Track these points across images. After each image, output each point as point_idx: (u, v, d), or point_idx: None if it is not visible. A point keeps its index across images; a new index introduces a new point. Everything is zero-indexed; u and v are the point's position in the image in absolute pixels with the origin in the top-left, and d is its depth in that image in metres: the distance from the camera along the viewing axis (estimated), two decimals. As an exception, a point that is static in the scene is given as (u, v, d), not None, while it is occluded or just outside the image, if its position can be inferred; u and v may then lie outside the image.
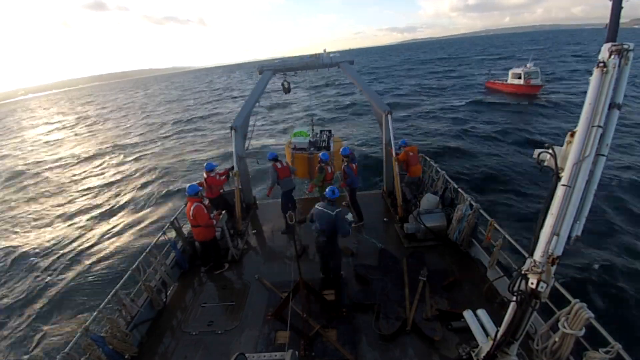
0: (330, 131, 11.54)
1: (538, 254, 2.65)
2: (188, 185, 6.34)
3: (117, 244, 13.08)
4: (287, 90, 9.37)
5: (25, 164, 28.71)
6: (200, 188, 6.59)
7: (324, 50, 9.03)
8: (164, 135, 32.88)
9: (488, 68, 45.25)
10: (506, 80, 33.64)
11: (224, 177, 8.26)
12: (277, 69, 8.92)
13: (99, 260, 12.01)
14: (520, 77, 31.58)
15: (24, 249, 13.62)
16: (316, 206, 5.44)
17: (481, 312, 4.02)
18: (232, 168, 8.21)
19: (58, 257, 12.66)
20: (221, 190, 8.33)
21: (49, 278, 11.36)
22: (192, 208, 6.05)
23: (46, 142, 39.42)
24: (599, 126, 2.48)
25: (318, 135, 11.21)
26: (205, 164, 8.15)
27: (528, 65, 32.19)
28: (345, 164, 7.67)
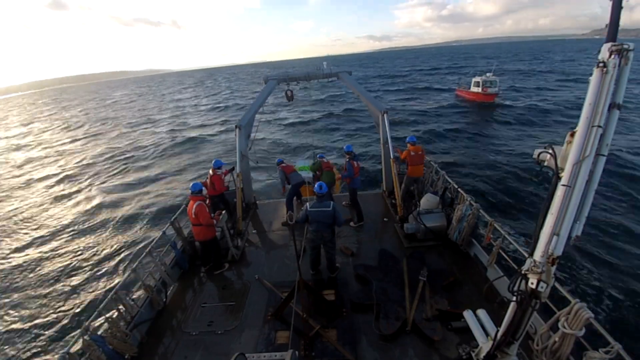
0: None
1: (538, 254, 2.65)
2: (192, 183, 6.39)
3: (117, 243, 13.09)
4: (290, 99, 9.74)
5: None
6: (203, 187, 6.61)
7: (324, 63, 9.67)
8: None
9: (459, 76, 47.49)
10: (469, 88, 35.74)
11: (226, 176, 8.53)
12: (280, 78, 9.41)
13: (99, 260, 12.02)
14: (479, 86, 33.59)
15: (23, 247, 13.65)
16: (308, 208, 5.52)
17: (481, 312, 4.02)
18: (233, 169, 8.54)
19: (58, 257, 12.67)
20: (226, 185, 8.59)
21: (48, 278, 11.36)
22: (194, 206, 6.05)
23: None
24: (599, 126, 2.48)
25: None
26: (213, 161, 8.52)
27: (487, 74, 34.24)
28: (347, 159, 7.81)
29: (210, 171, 8.28)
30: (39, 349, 8.35)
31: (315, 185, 5.59)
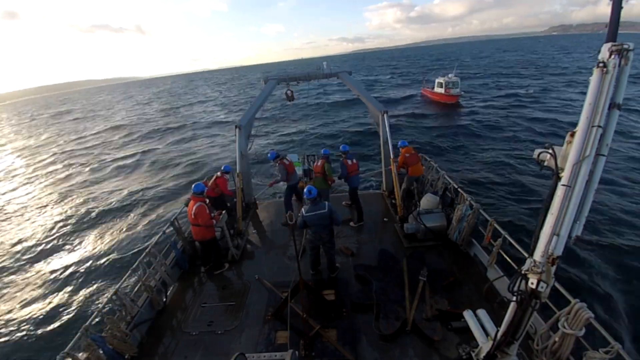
0: (315, 155, 11.60)
1: (538, 254, 2.65)
2: (194, 184, 6.38)
3: (117, 243, 13.09)
4: (290, 99, 9.76)
5: None
6: (205, 187, 6.60)
7: (324, 64, 9.68)
8: None
9: (423, 75, 46.80)
10: (433, 88, 35.56)
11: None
12: (280, 78, 9.43)
13: (99, 260, 12.02)
14: (442, 87, 33.35)
15: (23, 247, 13.65)
16: (304, 214, 5.48)
17: (481, 312, 4.02)
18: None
19: (57, 257, 12.67)
20: (230, 190, 8.51)
21: (48, 278, 11.37)
22: (194, 207, 6.05)
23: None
24: (599, 126, 2.48)
25: (306, 164, 10.97)
26: (223, 166, 8.59)
27: (450, 75, 33.98)
28: (341, 158, 7.88)
29: (218, 173, 8.29)
30: (39, 350, 8.35)
31: (305, 191, 5.54)
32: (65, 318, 9.33)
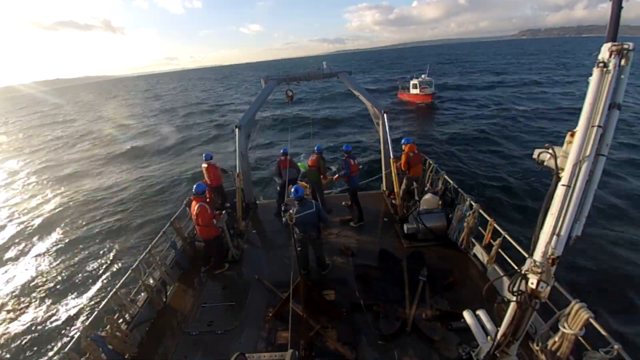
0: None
1: (538, 254, 2.65)
2: (195, 184, 6.37)
3: (117, 243, 13.09)
4: (290, 98, 9.78)
5: None
6: (206, 187, 6.61)
7: (324, 63, 9.72)
8: None
9: (400, 81, 46.07)
10: (409, 90, 36.43)
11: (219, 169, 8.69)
12: (280, 79, 9.44)
13: (99, 260, 12.02)
14: (417, 87, 34.52)
15: (22, 246, 13.65)
16: (294, 215, 5.40)
17: (481, 312, 4.02)
18: (224, 171, 8.80)
19: (57, 257, 12.67)
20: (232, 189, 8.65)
21: (48, 278, 11.37)
22: (196, 207, 6.08)
23: None
24: (599, 126, 2.48)
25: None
26: (205, 154, 8.69)
27: (423, 75, 35.42)
28: (344, 157, 7.92)
29: (204, 164, 8.39)
30: (39, 350, 8.36)
31: (292, 191, 5.55)
32: (65, 318, 9.33)
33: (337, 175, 8.17)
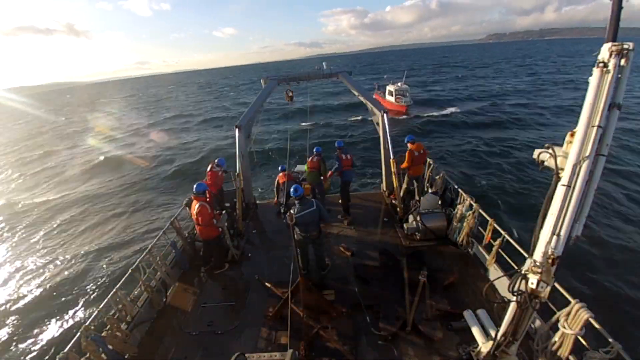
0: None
1: (538, 254, 2.64)
2: (196, 184, 6.35)
3: (117, 244, 13.09)
4: (290, 99, 9.78)
5: None
6: (207, 187, 6.60)
7: (324, 64, 9.76)
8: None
9: (374, 81, 45.36)
10: (384, 94, 34.08)
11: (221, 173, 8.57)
12: (280, 79, 9.46)
13: (99, 260, 12.02)
14: (392, 95, 32.05)
15: (21, 246, 13.65)
16: (295, 215, 5.27)
17: (481, 312, 4.02)
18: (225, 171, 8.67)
19: (57, 257, 12.67)
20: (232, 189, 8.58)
21: (48, 278, 11.36)
22: (196, 207, 6.07)
23: None
24: (599, 126, 2.48)
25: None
26: (218, 159, 8.69)
27: (399, 83, 32.48)
28: (337, 153, 8.16)
29: (217, 168, 8.38)
30: (39, 350, 8.35)
31: (291, 191, 5.56)
32: (65, 318, 9.33)
33: (330, 171, 8.28)
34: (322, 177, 8.20)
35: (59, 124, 55.57)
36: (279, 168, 8.59)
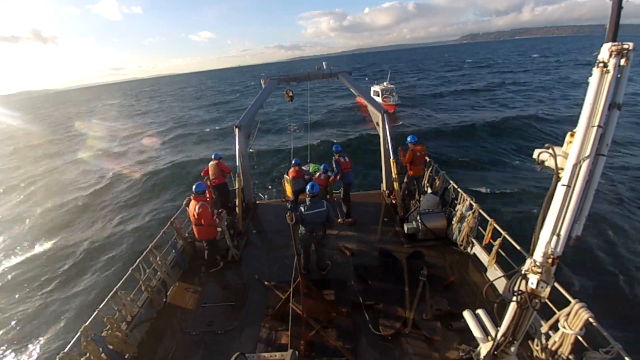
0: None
1: (538, 254, 2.64)
2: (196, 183, 6.34)
3: (117, 243, 13.09)
4: (290, 99, 9.80)
5: None
6: (206, 187, 6.59)
7: (324, 64, 9.84)
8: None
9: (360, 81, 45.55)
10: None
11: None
12: (280, 79, 9.48)
13: (99, 260, 12.02)
14: (379, 95, 31.22)
15: (24, 247, 13.65)
16: (303, 211, 5.55)
17: (481, 312, 4.02)
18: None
19: (57, 257, 12.67)
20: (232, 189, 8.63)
21: (48, 278, 11.37)
22: (196, 207, 6.02)
23: None
24: (599, 126, 2.47)
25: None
26: (214, 154, 8.75)
27: (385, 83, 31.94)
28: (335, 157, 8.14)
29: (215, 161, 8.48)
30: (39, 350, 8.36)
31: (308, 187, 5.69)
32: (65, 318, 9.34)
33: (331, 177, 8.21)
34: (328, 196, 8.17)
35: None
36: (293, 162, 8.55)
